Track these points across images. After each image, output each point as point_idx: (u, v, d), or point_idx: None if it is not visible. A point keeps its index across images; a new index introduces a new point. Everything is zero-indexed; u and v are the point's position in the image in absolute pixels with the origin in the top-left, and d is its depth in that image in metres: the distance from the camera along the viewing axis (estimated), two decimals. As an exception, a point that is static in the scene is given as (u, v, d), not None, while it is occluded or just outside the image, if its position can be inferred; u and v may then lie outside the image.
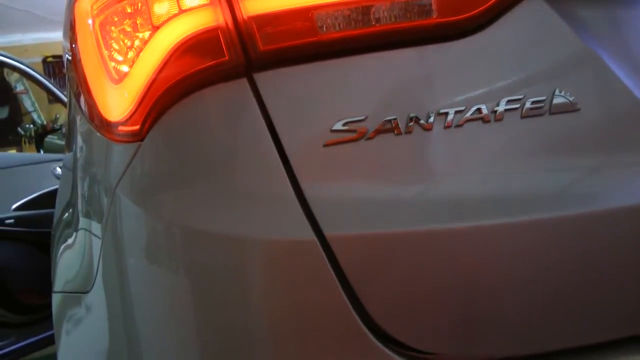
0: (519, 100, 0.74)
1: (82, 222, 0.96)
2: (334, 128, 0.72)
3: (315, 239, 0.70)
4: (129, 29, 0.79)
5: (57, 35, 1.16)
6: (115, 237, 0.79)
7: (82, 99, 0.91)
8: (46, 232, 2.63)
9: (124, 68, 0.79)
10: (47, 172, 2.87)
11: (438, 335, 0.73)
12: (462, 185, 0.73)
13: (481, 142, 0.74)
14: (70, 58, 1.12)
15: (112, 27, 0.80)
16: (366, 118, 0.72)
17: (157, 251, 0.76)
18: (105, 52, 0.82)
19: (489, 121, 0.73)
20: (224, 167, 0.74)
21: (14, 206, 2.70)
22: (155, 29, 0.76)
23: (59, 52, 1.15)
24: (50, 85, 3.20)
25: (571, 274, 0.74)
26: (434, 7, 0.73)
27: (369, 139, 0.72)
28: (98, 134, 0.84)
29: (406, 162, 0.73)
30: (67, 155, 1.22)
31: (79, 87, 0.89)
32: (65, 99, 3.16)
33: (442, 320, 0.72)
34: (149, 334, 0.78)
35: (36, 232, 2.64)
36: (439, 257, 0.71)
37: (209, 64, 0.74)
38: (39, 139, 3.41)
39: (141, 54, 0.77)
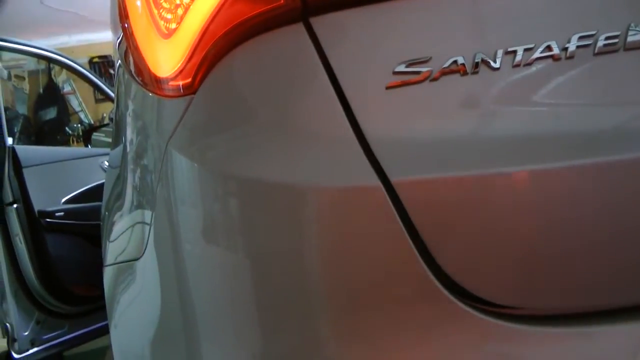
0: (591, 36, 0.69)
1: (133, 194, 0.94)
2: (396, 70, 0.68)
3: (381, 184, 0.66)
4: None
5: (102, 36, 1.16)
6: (168, 194, 0.77)
7: (131, 60, 0.90)
8: (95, 224, 2.67)
9: (174, 22, 0.77)
10: (95, 166, 2.90)
11: (516, 287, 0.68)
12: (533, 127, 0.68)
13: (552, 82, 0.69)
14: (116, 47, 1.11)
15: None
16: (430, 59, 0.68)
17: (212, 205, 0.73)
18: (155, 10, 0.80)
19: (559, 59, 0.69)
20: (281, 116, 0.71)
21: (64, 199, 2.74)
22: (206, -23, 0.73)
23: (105, 52, 1.15)
24: (99, 82, 3.25)
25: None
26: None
27: (433, 80, 0.68)
28: (149, 93, 0.82)
29: (473, 103, 0.69)
30: (115, 151, 1.20)
31: (128, 47, 0.87)
32: (113, 95, 3.21)
33: (521, 271, 0.68)
34: (203, 292, 0.75)
35: (85, 225, 2.67)
36: (511, 202, 0.67)
37: (263, 9, 0.70)
38: (86, 135, 3.47)
39: (192, 4, 0.74)
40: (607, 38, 0.69)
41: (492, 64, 0.68)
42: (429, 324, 0.68)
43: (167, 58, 0.78)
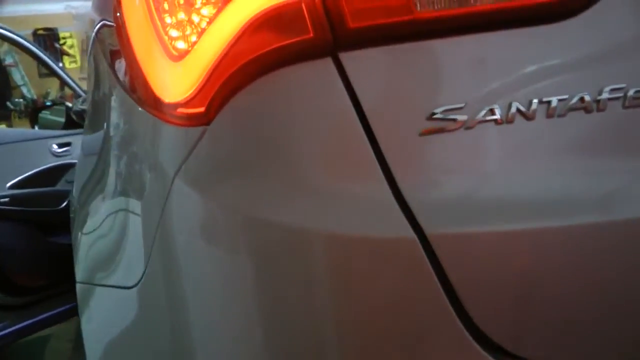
0: (621, 89, 0.68)
1: (121, 205, 0.89)
2: (431, 115, 0.65)
3: (416, 237, 0.63)
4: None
5: (48, 8, 1.09)
6: (176, 230, 0.72)
7: (126, 76, 0.84)
8: (42, 211, 2.55)
9: (187, 44, 0.72)
10: (44, 149, 2.77)
11: (549, 343, 0.67)
12: (569, 180, 0.67)
13: (585, 133, 0.68)
14: (95, 34, 1.04)
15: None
16: (465, 106, 0.65)
17: (226, 247, 0.69)
18: (159, 24, 0.75)
19: (591, 111, 0.67)
20: (307, 156, 0.67)
21: (9, 184, 2.60)
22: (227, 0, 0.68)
23: (50, 24, 1.08)
24: (44, 56, 3.08)
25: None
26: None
27: (468, 128, 0.65)
28: (148, 115, 0.77)
29: (508, 154, 0.67)
30: (92, 137, 1.14)
31: (127, 65, 0.81)
32: (60, 72, 3.05)
33: (556, 327, 0.67)
34: (213, 340, 0.71)
35: (32, 212, 2.55)
36: (550, 257, 0.66)
37: (291, 41, 0.66)
38: (32, 115, 3.30)
39: (210, 26, 0.69)
40: (636, 92, 0.68)
41: (527, 113, 0.66)
42: None
43: (175, 82, 0.73)
